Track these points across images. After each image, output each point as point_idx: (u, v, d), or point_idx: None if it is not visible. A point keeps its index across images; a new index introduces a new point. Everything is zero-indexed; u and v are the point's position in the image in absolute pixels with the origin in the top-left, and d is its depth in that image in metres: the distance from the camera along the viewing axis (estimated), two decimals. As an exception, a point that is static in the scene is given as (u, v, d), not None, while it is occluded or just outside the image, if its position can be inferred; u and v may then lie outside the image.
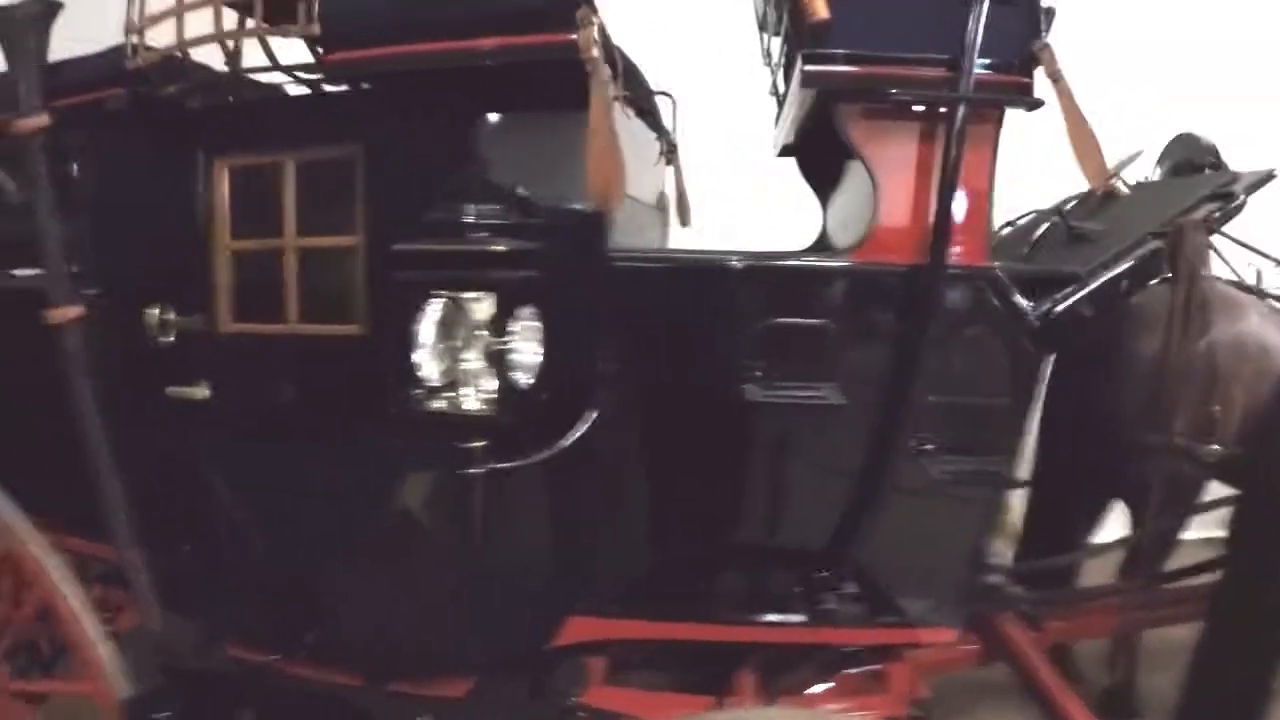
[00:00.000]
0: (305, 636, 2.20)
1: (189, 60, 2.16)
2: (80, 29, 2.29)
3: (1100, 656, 3.00)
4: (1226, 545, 2.45)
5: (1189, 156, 2.74)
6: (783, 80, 2.83)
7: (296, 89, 2.52)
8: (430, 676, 2.19)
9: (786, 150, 3.04)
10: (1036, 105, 1.97)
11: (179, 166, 2.20)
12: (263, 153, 2.12)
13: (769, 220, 3.03)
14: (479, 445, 1.85)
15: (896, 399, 1.98)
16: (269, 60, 1.98)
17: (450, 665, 2.17)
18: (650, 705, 2.22)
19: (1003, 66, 1.94)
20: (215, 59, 2.26)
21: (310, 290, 2.09)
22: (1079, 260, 2.26)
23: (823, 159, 2.86)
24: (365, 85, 2.07)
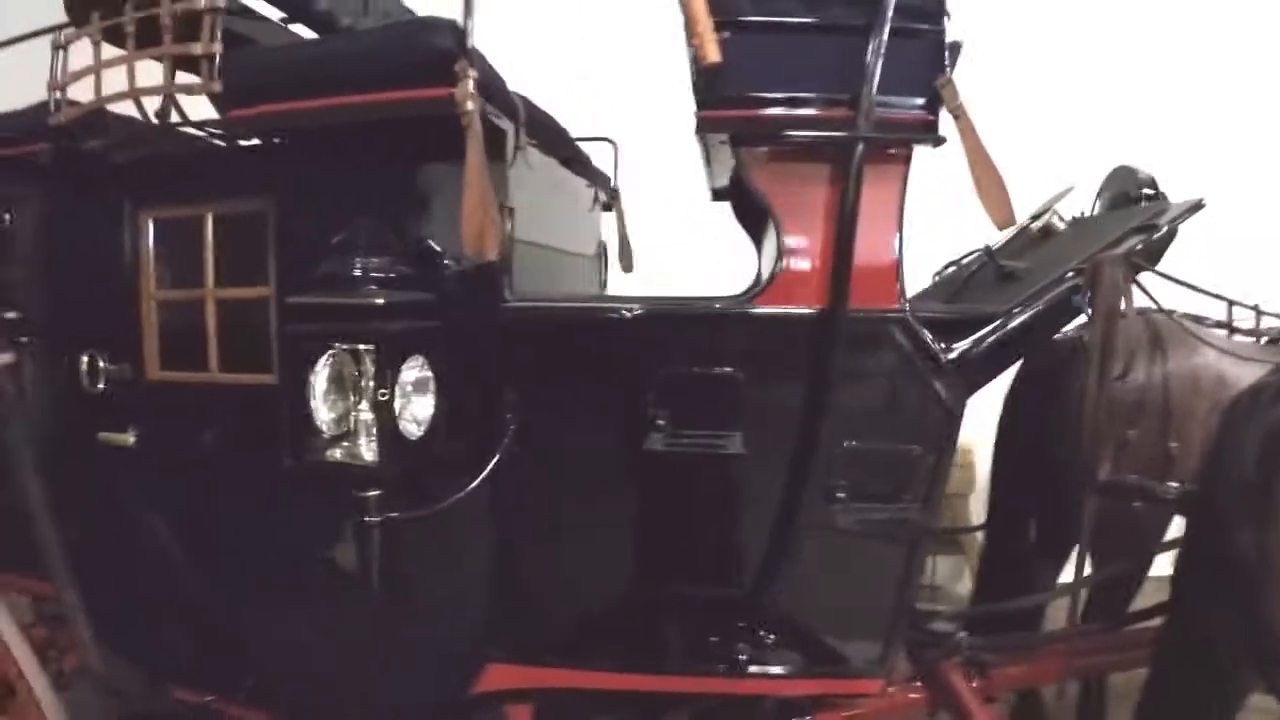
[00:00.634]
0: (245, 679, 2.23)
1: (110, 115, 2.20)
2: (8, 86, 2.37)
3: (1071, 701, 2.92)
4: (1171, 584, 2.40)
5: (1124, 189, 2.70)
6: None
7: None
8: None
9: (720, 194, 3.01)
10: (940, 142, 1.92)
11: (107, 218, 2.27)
12: (184, 205, 2.19)
13: (714, 265, 3.01)
14: (374, 495, 1.84)
15: (804, 447, 1.94)
16: (179, 116, 2.03)
17: (372, 712, 2.16)
18: None
19: (905, 104, 1.90)
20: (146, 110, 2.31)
21: (229, 340, 2.16)
22: (1003, 299, 2.21)
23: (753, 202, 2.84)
24: (276, 140, 2.10)
